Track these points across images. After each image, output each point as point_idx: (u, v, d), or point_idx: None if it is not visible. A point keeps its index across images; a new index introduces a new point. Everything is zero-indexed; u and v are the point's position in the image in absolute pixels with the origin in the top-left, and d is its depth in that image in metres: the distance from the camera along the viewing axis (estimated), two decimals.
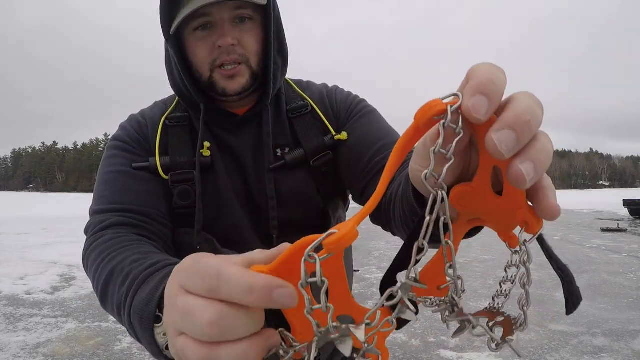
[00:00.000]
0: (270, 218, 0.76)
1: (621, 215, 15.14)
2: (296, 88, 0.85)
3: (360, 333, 0.29)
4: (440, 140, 0.28)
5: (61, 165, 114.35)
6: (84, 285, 5.01)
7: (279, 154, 0.78)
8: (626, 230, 10.32)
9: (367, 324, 0.30)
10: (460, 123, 0.28)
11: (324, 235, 0.27)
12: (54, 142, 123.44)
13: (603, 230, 10.39)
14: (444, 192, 0.30)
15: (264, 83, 0.77)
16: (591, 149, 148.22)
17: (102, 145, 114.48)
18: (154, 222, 0.69)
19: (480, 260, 6.58)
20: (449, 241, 0.33)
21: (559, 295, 4.45)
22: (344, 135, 0.79)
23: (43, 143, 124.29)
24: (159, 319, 0.44)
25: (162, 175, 0.72)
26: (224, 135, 0.78)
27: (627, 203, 14.90)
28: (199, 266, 0.28)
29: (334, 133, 0.80)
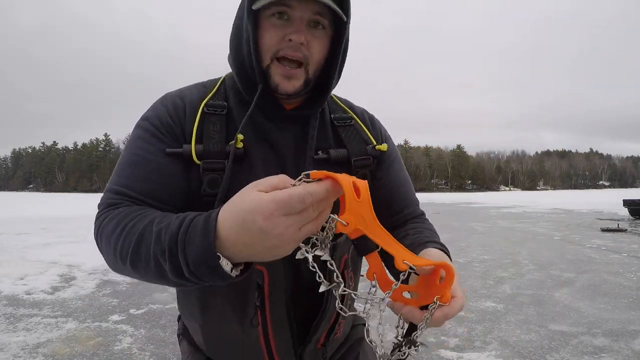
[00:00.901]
0: None
1: (621, 215, 15.14)
2: (339, 102, 0.90)
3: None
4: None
5: (61, 165, 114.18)
6: (84, 285, 5.02)
7: (320, 155, 0.80)
8: (626, 230, 10.32)
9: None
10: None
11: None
12: (54, 142, 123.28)
13: (603, 230, 10.39)
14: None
15: (314, 89, 0.80)
16: (591, 149, 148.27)
17: (102, 145, 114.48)
18: (164, 202, 0.72)
19: (480, 260, 6.58)
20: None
21: (559, 295, 4.45)
22: (384, 147, 0.85)
23: (43, 143, 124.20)
24: (218, 257, 0.52)
25: (196, 161, 0.72)
26: (266, 124, 0.78)
27: (627, 203, 14.89)
28: (282, 194, 0.48)
29: (375, 143, 0.86)
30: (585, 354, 2.90)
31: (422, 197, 48.38)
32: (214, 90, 0.80)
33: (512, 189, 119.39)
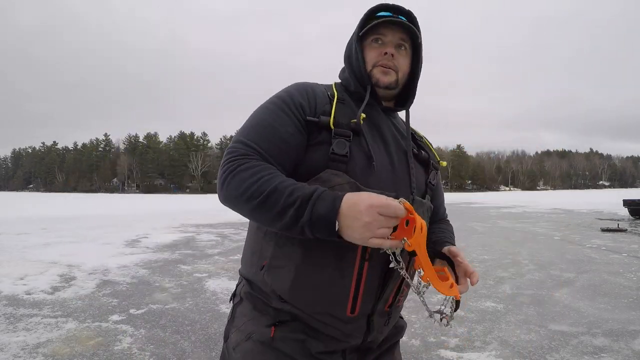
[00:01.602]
0: (411, 183, 1.01)
1: (621, 215, 15.14)
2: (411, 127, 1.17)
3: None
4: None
5: (61, 165, 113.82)
6: (84, 285, 5.02)
7: (414, 150, 1.07)
8: (626, 230, 10.32)
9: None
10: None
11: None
12: (54, 142, 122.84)
13: (603, 230, 10.39)
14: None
15: (403, 97, 1.10)
16: (591, 149, 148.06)
17: (102, 145, 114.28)
18: (276, 165, 0.91)
19: (480, 260, 6.58)
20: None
21: (559, 295, 4.45)
22: (444, 163, 1.18)
23: (43, 143, 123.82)
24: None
25: (332, 126, 0.94)
26: (374, 116, 1.04)
27: (627, 203, 14.90)
28: (379, 200, 0.77)
29: (438, 159, 1.17)
30: (585, 354, 2.90)
31: None
32: (336, 91, 1.05)
33: (512, 189, 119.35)
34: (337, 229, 0.78)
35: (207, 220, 14.75)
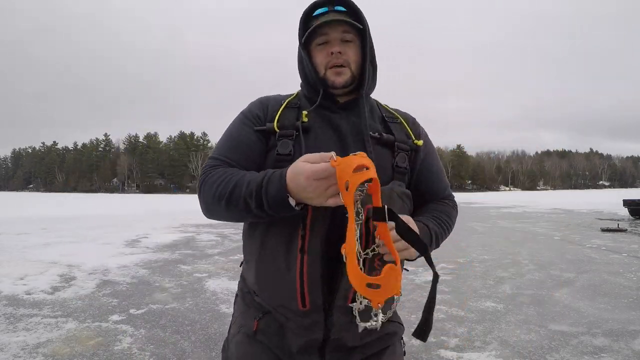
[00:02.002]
0: None
1: (621, 215, 15.14)
2: (388, 107, 1.19)
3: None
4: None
5: (61, 165, 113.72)
6: (84, 285, 5.02)
7: (373, 134, 1.05)
8: (626, 230, 10.32)
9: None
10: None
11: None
12: (54, 142, 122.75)
13: (603, 230, 10.39)
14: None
15: (359, 84, 1.08)
16: (591, 149, 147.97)
17: (102, 145, 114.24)
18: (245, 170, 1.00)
19: (480, 260, 6.58)
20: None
21: (559, 295, 4.45)
22: (420, 142, 1.12)
23: (43, 143, 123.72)
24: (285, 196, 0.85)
25: (276, 129, 1.02)
26: (328, 114, 1.07)
27: (627, 203, 14.90)
28: (299, 168, 0.82)
29: (414, 138, 1.12)
30: (585, 354, 2.90)
31: None
32: (292, 96, 1.13)
33: (512, 189, 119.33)
34: (294, 203, 0.84)
35: (207, 220, 14.68)
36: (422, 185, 1.11)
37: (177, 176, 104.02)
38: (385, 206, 0.82)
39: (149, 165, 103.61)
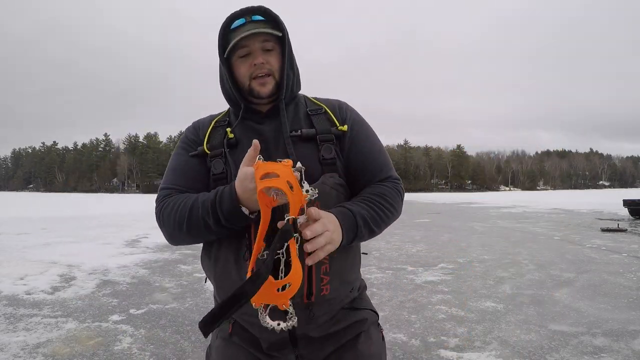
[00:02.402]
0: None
1: (621, 215, 15.13)
2: (315, 100, 1.19)
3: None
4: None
5: (61, 165, 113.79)
6: (84, 285, 5.02)
7: (294, 134, 1.07)
8: (626, 230, 10.32)
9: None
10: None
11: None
12: (54, 142, 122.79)
13: (603, 230, 10.38)
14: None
15: (281, 91, 1.09)
16: (591, 149, 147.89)
17: (102, 145, 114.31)
18: (196, 193, 1.04)
19: (480, 260, 6.58)
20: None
21: (559, 295, 4.45)
22: (344, 127, 1.10)
23: (43, 143, 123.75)
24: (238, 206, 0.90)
25: (206, 151, 1.08)
26: (252, 125, 1.10)
27: (627, 203, 14.88)
28: (242, 174, 0.86)
29: (338, 125, 1.10)
30: (585, 354, 2.90)
31: (422, 197, 48.35)
32: (221, 114, 1.18)
33: (512, 189, 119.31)
34: (248, 212, 0.89)
35: None
36: (354, 168, 1.09)
37: None
38: (289, 219, 0.78)
39: (149, 165, 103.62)
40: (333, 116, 1.12)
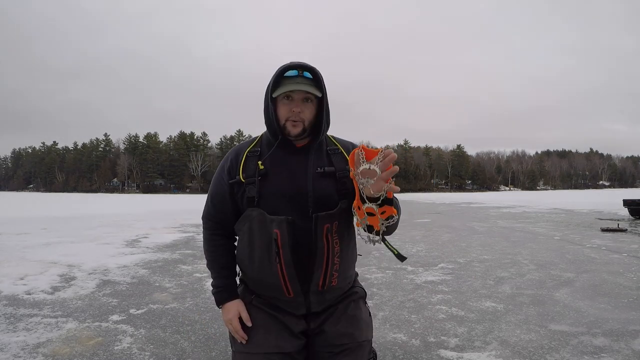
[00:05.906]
0: (309, 197, 1.33)
1: (621, 215, 15.12)
2: (333, 140, 1.48)
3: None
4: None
5: (61, 165, 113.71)
6: (84, 285, 5.02)
7: (318, 170, 1.36)
8: (626, 230, 10.31)
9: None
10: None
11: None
12: (54, 142, 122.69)
13: (603, 230, 10.38)
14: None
15: (313, 134, 1.39)
16: (591, 149, 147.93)
17: (102, 145, 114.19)
18: (228, 223, 1.44)
19: (480, 260, 6.57)
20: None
21: (559, 295, 4.45)
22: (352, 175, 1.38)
23: (43, 143, 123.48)
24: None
25: (242, 180, 1.36)
26: (285, 156, 1.38)
27: (627, 203, 14.87)
28: (226, 319, 1.43)
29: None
30: (585, 354, 2.90)
31: (422, 197, 48.33)
32: (254, 142, 1.44)
33: (512, 189, 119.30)
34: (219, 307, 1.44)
35: None
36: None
37: (177, 176, 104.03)
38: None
39: (149, 165, 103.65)
40: (346, 155, 1.41)
